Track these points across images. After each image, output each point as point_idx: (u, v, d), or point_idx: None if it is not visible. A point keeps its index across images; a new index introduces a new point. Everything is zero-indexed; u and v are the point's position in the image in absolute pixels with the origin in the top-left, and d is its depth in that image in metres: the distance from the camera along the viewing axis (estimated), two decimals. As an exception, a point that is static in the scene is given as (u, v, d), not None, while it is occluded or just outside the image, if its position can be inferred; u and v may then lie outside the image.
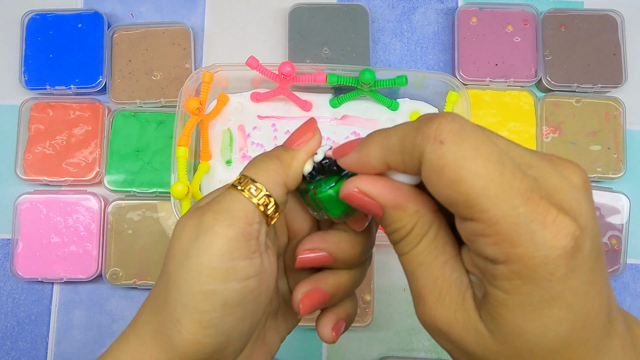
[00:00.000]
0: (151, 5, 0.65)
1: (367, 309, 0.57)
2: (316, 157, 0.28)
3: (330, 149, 0.28)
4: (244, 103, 0.59)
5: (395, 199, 0.24)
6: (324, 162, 0.28)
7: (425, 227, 0.24)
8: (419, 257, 0.24)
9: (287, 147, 0.28)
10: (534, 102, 0.60)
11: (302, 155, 0.28)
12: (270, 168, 0.27)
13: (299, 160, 0.28)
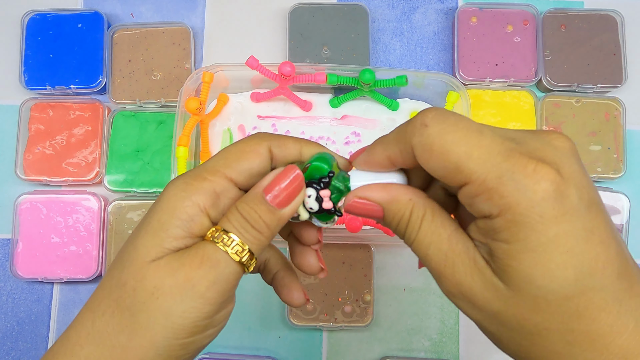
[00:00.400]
0: (151, 5, 0.65)
1: (367, 309, 0.57)
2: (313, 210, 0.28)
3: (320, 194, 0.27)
4: (244, 103, 0.59)
5: (388, 194, 0.27)
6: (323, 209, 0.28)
7: (421, 211, 0.26)
8: (425, 238, 0.26)
9: (273, 209, 0.27)
10: (534, 102, 0.60)
11: (286, 218, 0.27)
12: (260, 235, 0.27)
13: (285, 221, 0.27)
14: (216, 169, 0.28)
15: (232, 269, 0.26)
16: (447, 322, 0.59)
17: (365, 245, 0.58)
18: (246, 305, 0.59)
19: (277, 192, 0.27)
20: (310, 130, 0.58)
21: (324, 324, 0.57)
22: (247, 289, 0.59)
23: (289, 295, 0.32)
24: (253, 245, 0.27)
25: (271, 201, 0.27)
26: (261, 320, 0.59)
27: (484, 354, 0.58)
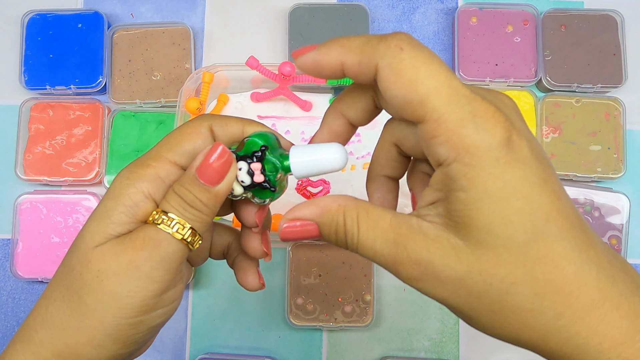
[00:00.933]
0: (151, 5, 0.65)
1: (367, 309, 0.57)
2: (245, 183, 0.28)
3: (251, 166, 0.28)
4: (244, 103, 0.59)
5: (317, 207, 0.26)
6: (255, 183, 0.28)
7: (354, 212, 0.25)
8: (368, 236, 0.25)
9: (207, 187, 0.27)
10: (534, 102, 0.61)
11: (223, 195, 0.28)
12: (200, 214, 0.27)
13: (222, 199, 0.28)
14: (159, 155, 0.28)
15: (175, 247, 0.27)
16: (447, 322, 0.59)
17: (365, 245, 0.58)
18: (246, 306, 0.59)
19: (207, 169, 0.27)
20: (310, 130, 0.58)
21: (324, 324, 0.57)
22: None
23: (242, 279, 0.33)
24: (194, 223, 0.27)
25: (203, 180, 0.27)
26: (261, 320, 0.59)
27: (484, 354, 0.58)
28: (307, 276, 0.58)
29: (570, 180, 0.60)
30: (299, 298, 0.58)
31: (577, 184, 0.60)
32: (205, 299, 0.60)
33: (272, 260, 0.60)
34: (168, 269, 0.27)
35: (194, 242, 0.28)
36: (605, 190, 0.59)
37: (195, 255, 0.33)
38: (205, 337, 0.59)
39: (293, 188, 0.57)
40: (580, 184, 0.60)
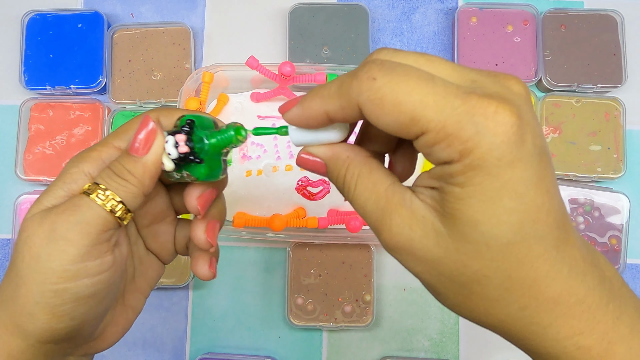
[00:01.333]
0: (151, 5, 0.65)
1: (367, 309, 0.57)
2: (172, 155, 0.29)
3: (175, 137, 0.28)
4: (244, 103, 0.59)
5: (330, 151, 0.27)
6: (182, 156, 0.29)
7: (357, 168, 0.26)
8: (362, 195, 0.26)
9: (135, 158, 0.28)
10: (534, 102, 0.61)
11: (151, 167, 0.29)
12: (128, 184, 0.28)
13: (151, 171, 0.29)
14: (106, 141, 0.30)
15: (94, 212, 0.28)
16: (447, 322, 0.59)
17: (366, 245, 0.58)
18: (246, 306, 0.59)
19: (135, 141, 0.28)
20: (310, 130, 0.58)
21: (324, 324, 0.57)
22: (247, 289, 0.59)
23: (193, 266, 0.33)
24: (122, 193, 0.28)
25: (131, 151, 0.28)
26: (261, 320, 0.59)
27: (484, 354, 0.58)
28: (307, 276, 0.58)
29: (570, 180, 0.60)
30: (299, 298, 0.58)
31: (577, 184, 0.60)
32: (205, 298, 0.60)
33: (272, 260, 0.60)
34: (86, 232, 0.27)
35: (122, 214, 0.28)
36: (605, 190, 0.59)
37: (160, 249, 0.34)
38: (205, 337, 0.59)
39: (293, 188, 0.57)
40: (580, 184, 0.60)
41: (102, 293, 0.29)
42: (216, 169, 0.30)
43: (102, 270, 0.28)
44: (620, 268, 0.58)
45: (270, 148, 0.58)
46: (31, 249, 0.27)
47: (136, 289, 0.34)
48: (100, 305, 0.29)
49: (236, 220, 0.54)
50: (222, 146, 0.29)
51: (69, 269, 0.27)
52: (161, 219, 0.34)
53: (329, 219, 0.55)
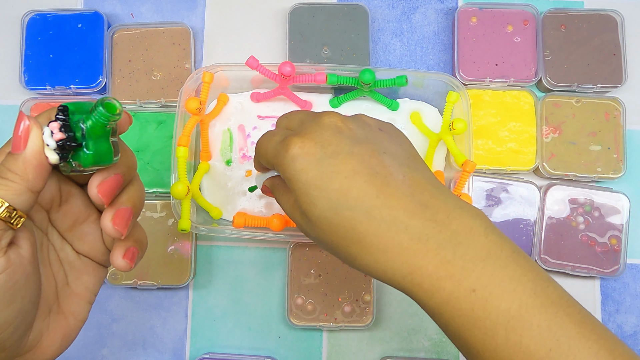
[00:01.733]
0: (151, 5, 0.65)
1: (367, 309, 0.57)
2: (51, 145, 0.28)
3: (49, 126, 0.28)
4: (244, 103, 0.59)
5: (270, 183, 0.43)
6: (60, 144, 0.28)
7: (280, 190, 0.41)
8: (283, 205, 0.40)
9: (15, 155, 0.28)
10: (534, 102, 0.61)
11: (32, 161, 0.28)
12: (9, 182, 0.28)
13: (34, 165, 0.28)
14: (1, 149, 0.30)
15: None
16: (447, 322, 0.59)
17: (365, 245, 0.58)
18: (246, 306, 0.59)
19: (14, 138, 0.28)
20: (310, 130, 0.58)
21: (324, 324, 0.57)
22: (247, 289, 0.59)
23: (110, 258, 0.33)
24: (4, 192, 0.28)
25: (12, 150, 0.28)
26: (261, 320, 0.59)
27: (484, 354, 0.58)
28: (307, 276, 0.58)
29: (570, 180, 0.60)
30: (298, 298, 0.58)
31: (577, 184, 0.60)
32: (205, 298, 0.60)
33: (272, 260, 0.60)
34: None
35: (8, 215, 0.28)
36: (605, 190, 0.59)
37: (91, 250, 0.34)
38: (205, 337, 0.59)
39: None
40: (580, 184, 0.60)
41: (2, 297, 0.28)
42: (105, 152, 0.29)
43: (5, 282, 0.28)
44: (620, 268, 0.58)
45: (270, 148, 0.58)
46: None
47: (73, 295, 0.34)
48: (6, 309, 0.28)
49: (236, 220, 0.54)
50: (100, 125, 0.28)
51: None
52: (84, 220, 0.33)
53: (329, 219, 0.55)
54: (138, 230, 0.34)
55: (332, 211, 0.33)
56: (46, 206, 0.32)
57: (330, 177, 0.33)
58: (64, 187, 0.32)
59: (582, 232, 0.59)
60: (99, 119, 0.28)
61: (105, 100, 0.28)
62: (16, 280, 0.29)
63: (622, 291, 0.60)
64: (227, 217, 0.57)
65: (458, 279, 0.31)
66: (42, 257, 0.32)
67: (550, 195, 0.59)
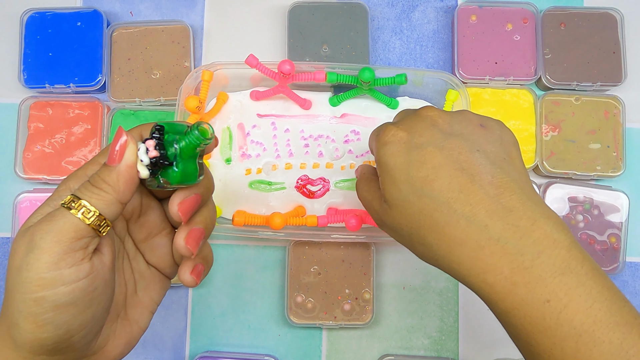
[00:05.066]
0: (150, 3, 0.65)
1: (366, 307, 0.57)
2: (144, 161, 0.30)
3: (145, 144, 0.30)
4: (243, 101, 0.59)
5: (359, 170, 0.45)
6: (153, 161, 0.30)
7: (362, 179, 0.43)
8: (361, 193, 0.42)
9: (110, 167, 0.30)
10: (534, 100, 0.61)
11: (125, 174, 0.30)
12: (102, 192, 0.30)
13: (126, 178, 0.30)
14: (93, 160, 0.32)
15: (68, 220, 0.29)
16: (447, 320, 0.59)
17: (365, 243, 0.58)
18: (246, 304, 0.59)
19: (110, 151, 0.30)
20: (309, 129, 0.58)
21: (324, 323, 0.57)
22: (246, 287, 0.59)
23: (178, 272, 0.35)
24: (97, 202, 0.29)
25: (108, 162, 0.30)
26: (261, 318, 0.59)
27: (484, 351, 0.59)
28: (306, 274, 0.58)
29: (570, 178, 0.60)
30: (298, 296, 0.58)
31: (577, 182, 0.60)
32: (205, 297, 0.60)
33: (272, 258, 0.60)
34: (57, 240, 0.28)
35: (95, 221, 0.29)
36: (604, 189, 0.59)
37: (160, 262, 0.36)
38: (205, 336, 0.59)
39: (292, 186, 0.57)
40: (579, 182, 0.60)
41: (82, 301, 0.29)
42: (191, 172, 0.31)
43: (79, 277, 0.29)
44: (619, 266, 0.58)
45: (270, 147, 0.58)
46: (14, 261, 0.29)
47: (139, 303, 0.35)
48: (83, 314, 0.30)
49: (236, 218, 0.54)
50: (192, 147, 0.30)
51: (45, 277, 0.28)
52: (157, 232, 0.35)
53: (328, 217, 0.55)
54: (206, 248, 0.36)
55: (415, 196, 0.34)
56: (127, 216, 0.34)
57: (417, 166, 0.35)
58: (144, 200, 0.35)
59: (581, 230, 0.59)
60: (192, 141, 0.30)
61: (201, 125, 0.30)
62: (96, 286, 0.30)
63: (621, 289, 0.60)
64: (226, 215, 0.57)
65: (533, 287, 0.31)
66: (117, 264, 0.34)
67: (549, 194, 0.59)
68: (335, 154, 0.58)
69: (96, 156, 0.33)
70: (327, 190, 0.57)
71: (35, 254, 0.28)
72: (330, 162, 0.58)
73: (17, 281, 0.28)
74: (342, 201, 0.57)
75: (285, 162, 0.58)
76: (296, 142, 0.58)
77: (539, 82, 0.62)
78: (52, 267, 0.28)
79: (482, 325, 0.59)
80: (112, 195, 0.30)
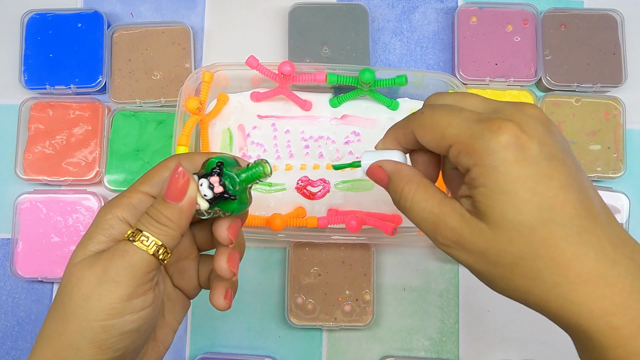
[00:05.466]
0: (151, 4, 0.65)
1: (367, 309, 0.57)
2: (207, 196, 0.32)
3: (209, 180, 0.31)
4: (243, 102, 0.59)
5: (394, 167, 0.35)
6: (217, 195, 0.32)
7: (414, 184, 0.33)
8: (419, 205, 0.33)
9: (172, 205, 0.31)
10: (534, 102, 0.61)
11: (187, 211, 0.32)
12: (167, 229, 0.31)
13: (187, 214, 0.32)
14: (133, 187, 0.33)
15: (140, 256, 0.31)
16: (447, 322, 0.59)
17: (365, 244, 0.58)
18: (246, 305, 0.59)
19: (170, 189, 0.31)
20: (310, 130, 0.58)
21: (324, 324, 0.57)
22: (246, 288, 0.59)
23: (211, 296, 0.36)
24: (162, 237, 0.31)
25: (168, 199, 0.31)
26: (261, 320, 0.59)
27: (484, 353, 0.59)
28: (307, 276, 0.58)
29: (570, 179, 0.60)
30: (298, 297, 0.58)
31: (577, 183, 0.60)
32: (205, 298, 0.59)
33: (272, 260, 0.60)
34: (133, 275, 0.30)
35: (163, 256, 0.31)
36: (605, 190, 0.59)
37: (186, 284, 0.37)
38: (205, 337, 0.59)
39: (293, 187, 0.57)
40: (580, 184, 0.60)
41: (143, 327, 0.32)
42: (245, 202, 0.33)
43: (145, 306, 0.31)
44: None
45: (270, 148, 0.58)
46: (80, 290, 0.30)
47: (165, 324, 0.37)
48: (140, 338, 0.32)
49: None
50: (250, 181, 0.32)
51: (117, 307, 0.30)
52: (186, 256, 0.37)
53: (328, 218, 0.55)
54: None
55: (540, 221, 0.28)
56: None
57: (546, 182, 0.29)
58: None
59: (582, 232, 0.59)
60: (253, 176, 0.32)
61: (263, 161, 0.32)
62: (155, 312, 0.33)
63: (621, 290, 0.60)
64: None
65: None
66: None
67: (550, 195, 0.59)
68: (336, 155, 0.58)
69: (135, 184, 0.34)
70: (328, 192, 0.57)
71: (110, 287, 0.30)
72: (331, 163, 0.58)
73: (83, 308, 0.30)
74: (343, 202, 0.57)
75: (286, 163, 0.58)
76: (296, 143, 0.58)
77: (539, 84, 0.62)
78: (124, 299, 0.30)
79: (482, 327, 0.59)
80: (176, 231, 0.32)
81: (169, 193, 0.31)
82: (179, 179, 0.31)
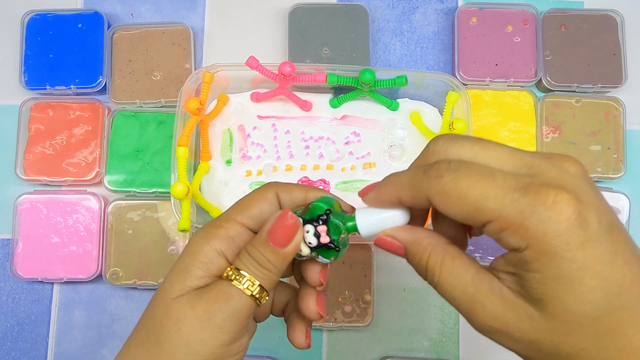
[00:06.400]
0: (151, 5, 0.65)
1: (367, 309, 0.57)
2: (312, 244, 0.31)
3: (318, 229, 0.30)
4: (244, 103, 0.59)
5: (411, 236, 0.30)
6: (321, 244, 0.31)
7: (439, 255, 0.28)
8: (448, 282, 0.28)
9: (276, 249, 0.30)
10: (534, 102, 0.61)
11: (289, 256, 0.31)
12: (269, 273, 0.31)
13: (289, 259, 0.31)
14: (230, 217, 0.32)
15: (244, 302, 0.30)
16: (447, 322, 0.59)
17: (366, 245, 0.58)
18: (246, 305, 0.59)
19: (276, 234, 0.30)
20: (310, 130, 0.58)
21: (324, 324, 0.57)
22: (247, 289, 0.59)
23: (291, 335, 0.36)
24: (263, 280, 0.31)
25: (273, 242, 0.30)
26: (261, 320, 0.59)
27: (484, 354, 0.58)
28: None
29: (570, 180, 0.60)
30: (299, 298, 0.58)
31: (577, 184, 0.60)
32: (205, 299, 0.60)
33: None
34: (237, 321, 0.30)
35: (262, 298, 0.31)
36: (605, 191, 0.59)
37: (259, 312, 0.37)
38: (205, 337, 0.59)
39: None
40: (580, 184, 0.60)
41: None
42: (344, 249, 0.32)
43: (241, 350, 0.32)
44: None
45: (271, 148, 0.58)
46: (180, 331, 0.29)
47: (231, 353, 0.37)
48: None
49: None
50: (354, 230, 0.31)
51: (217, 352, 0.30)
52: None
53: (328, 219, 0.55)
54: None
55: (607, 309, 0.25)
56: None
57: (610, 262, 0.25)
58: None
59: (582, 232, 0.59)
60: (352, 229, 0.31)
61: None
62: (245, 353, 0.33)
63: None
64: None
65: None
66: None
67: (550, 195, 0.59)
68: (336, 156, 0.58)
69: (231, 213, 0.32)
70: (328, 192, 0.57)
71: (214, 332, 0.30)
72: (331, 163, 0.58)
73: (183, 351, 0.29)
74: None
75: (286, 163, 0.58)
76: (297, 143, 0.58)
77: (540, 84, 0.62)
78: (226, 344, 0.30)
79: None
80: (276, 275, 0.31)
81: (275, 237, 0.30)
82: (288, 225, 0.30)
